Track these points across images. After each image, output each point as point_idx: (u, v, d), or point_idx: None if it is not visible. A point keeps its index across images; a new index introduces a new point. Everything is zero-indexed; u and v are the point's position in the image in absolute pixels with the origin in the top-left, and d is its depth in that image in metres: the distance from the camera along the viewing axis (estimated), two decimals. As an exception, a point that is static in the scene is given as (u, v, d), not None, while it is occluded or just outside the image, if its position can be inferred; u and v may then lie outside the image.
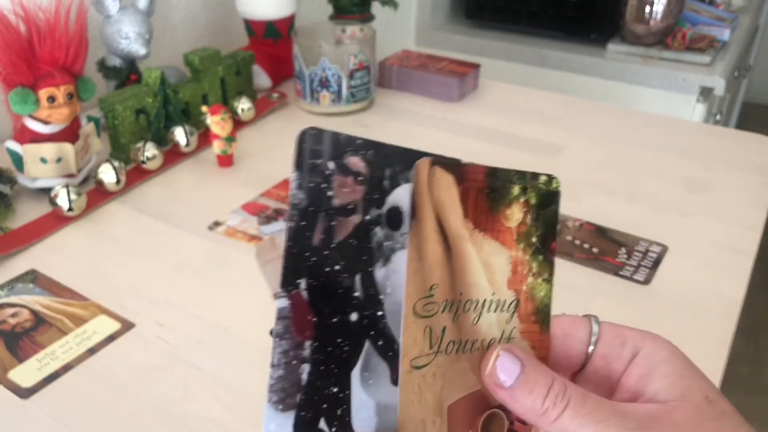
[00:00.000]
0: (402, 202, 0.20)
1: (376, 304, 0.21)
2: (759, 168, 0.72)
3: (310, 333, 0.21)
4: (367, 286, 0.20)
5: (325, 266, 0.20)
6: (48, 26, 0.59)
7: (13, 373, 0.44)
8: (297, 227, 0.20)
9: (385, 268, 0.20)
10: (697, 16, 1.37)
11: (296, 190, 0.20)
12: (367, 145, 0.21)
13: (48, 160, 0.62)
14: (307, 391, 0.20)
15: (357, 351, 0.21)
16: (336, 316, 0.21)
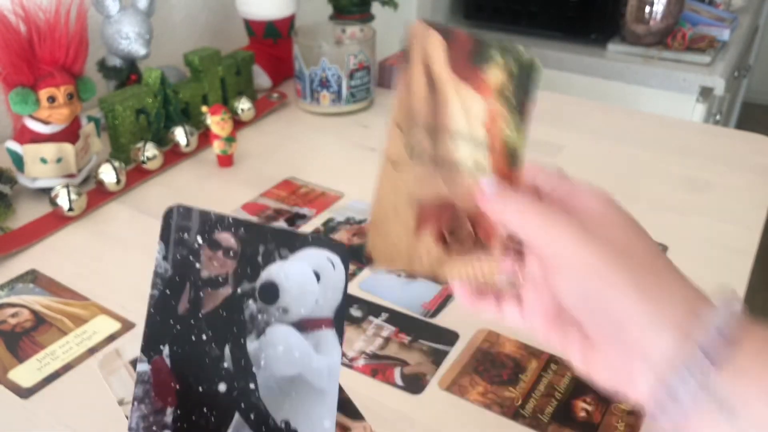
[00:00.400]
0: (277, 278, 0.20)
1: (248, 377, 0.20)
2: (759, 168, 0.72)
3: (172, 400, 0.20)
4: (238, 357, 0.20)
5: (190, 335, 0.20)
6: (48, 26, 0.59)
7: (14, 373, 0.44)
8: (161, 295, 0.20)
9: (258, 341, 0.20)
10: (697, 16, 1.37)
11: (162, 261, 0.21)
12: (238, 223, 0.21)
13: (48, 160, 0.62)
14: None
15: (226, 422, 0.20)
16: (202, 385, 0.20)
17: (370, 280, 0.53)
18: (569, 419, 0.40)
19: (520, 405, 0.42)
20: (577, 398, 0.42)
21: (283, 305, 0.20)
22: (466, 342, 0.47)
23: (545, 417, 0.41)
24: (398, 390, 0.43)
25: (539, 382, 0.43)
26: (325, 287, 0.21)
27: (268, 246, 0.20)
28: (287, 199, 0.65)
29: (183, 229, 0.21)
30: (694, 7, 1.39)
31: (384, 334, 0.47)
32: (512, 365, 0.45)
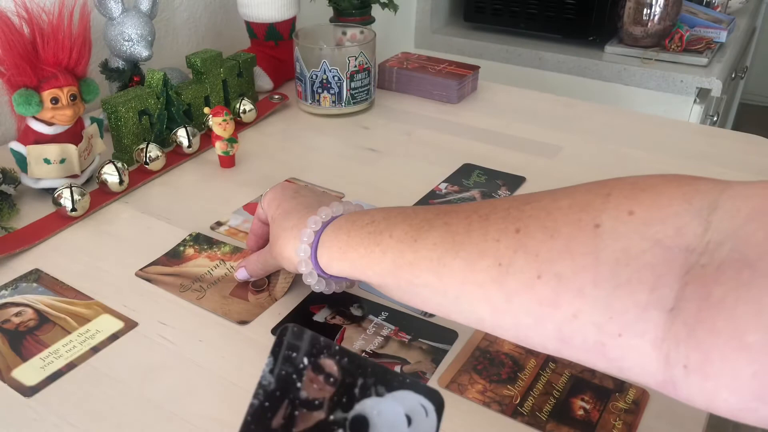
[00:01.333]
0: (370, 413, 0.20)
1: None
2: (756, 168, 0.73)
3: None
4: None
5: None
6: (51, 28, 0.59)
7: (17, 371, 0.44)
8: (260, 406, 0.21)
9: None
10: (695, 18, 1.38)
11: (267, 374, 0.21)
12: (344, 353, 0.21)
13: (51, 161, 0.62)
14: None
15: None
16: None
17: (370, 280, 0.54)
18: (567, 417, 0.41)
19: (518, 403, 0.42)
20: (576, 397, 0.42)
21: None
22: (465, 341, 0.47)
23: (543, 415, 0.41)
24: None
25: (537, 380, 0.44)
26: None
27: (366, 380, 0.21)
28: (288, 200, 0.65)
29: (292, 348, 0.21)
30: (691, 9, 1.40)
31: (384, 332, 0.48)
32: (511, 364, 0.45)
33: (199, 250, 0.57)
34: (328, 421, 0.20)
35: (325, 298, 0.51)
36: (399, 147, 0.78)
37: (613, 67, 1.30)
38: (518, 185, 0.69)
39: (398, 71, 0.93)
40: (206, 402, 0.42)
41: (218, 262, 0.56)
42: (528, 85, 1.26)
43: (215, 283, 0.53)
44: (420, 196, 0.66)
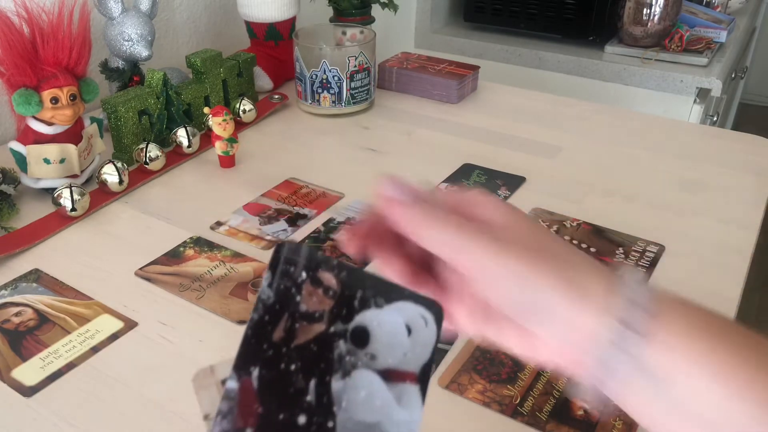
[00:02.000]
0: (370, 324, 0.21)
1: (328, 414, 0.21)
2: (755, 168, 0.73)
3: (252, 422, 0.20)
4: (321, 393, 0.21)
5: (280, 362, 0.21)
6: (51, 28, 0.59)
7: (17, 371, 0.44)
8: (260, 320, 0.21)
9: (343, 382, 0.21)
10: (695, 18, 1.38)
11: (266, 288, 0.21)
12: (342, 267, 0.21)
13: (51, 161, 0.62)
14: None
15: None
16: (283, 413, 0.20)
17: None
18: (567, 417, 0.41)
19: (518, 403, 0.42)
20: (575, 396, 0.42)
21: (372, 351, 0.21)
22: (465, 340, 0.47)
23: (543, 415, 0.41)
24: (399, 388, 0.43)
25: (537, 380, 0.44)
26: (414, 342, 0.21)
27: (366, 292, 0.21)
28: (288, 200, 0.65)
29: (290, 263, 0.21)
30: (691, 9, 1.40)
31: (384, 333, 0.48)
32: (511, 363, 0.45)
33: (199, 252, 0.57)
34: (329, 332, 0.21)
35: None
36: (399, 147, 0.78)
37: (613, 67, 1.30)
38: (518, 185, 0.69)
39: (398, 71, 0.93)
40: (206, 402, 0.42)
41: (218, 263, 0.56)
42: (528, 85, 1.26)
43: (215, 282, 0.53)
44: (420, 196, 0.66)
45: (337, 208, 0.64)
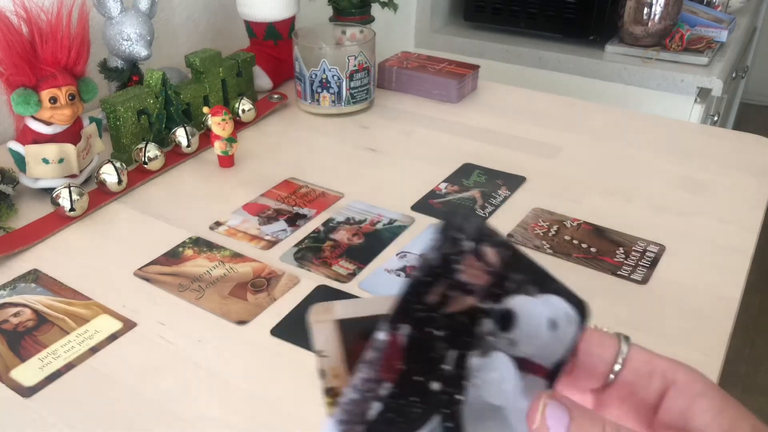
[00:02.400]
0: (519, 310, 0.20)
1: (460, 388, 0.21)
2: (756, 168, 0.73)
3: (393, 377, 0.21)
4: (459, 365, 0.21)
5: (429, 326, 0.21)
6: (50, 27, 0.59)
7: (16, 372, 0.44)
8: (420, 279, 0.21)
9: (481, 360, 0.21)
10: (695, 18, 1.38)
11: (432, 250, 0.21)
12: (507, 246, 0.21)
13: (50, 161, 0.62)
14: (369, 428, 0.20)
15: (425, 418, 0.21)
16: (420, 375, 0.21)
17: (369, 280, 0.54)
18: (567, 417, 0.41)
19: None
20: (576, 397, 0.42)
21: (514, 337, 0.21)
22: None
23: (544, 415, 0.41)
24: (398, 389, 0.43)
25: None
26: (554, 338, 0.21)
27: (522, 277, 0.21)
28: (288, 199, 0.65)
29: (460, 231, 0.21)
30: (691, 9, 1.40)
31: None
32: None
33: (199, 252, 0.57)
34: (479, 308, 0.21)
35: (325, 298, 0.51)
36: (399, 147, 0.78)
37: (613, 67, 1.30)
38: (518, 185, 0.69)
39: (398, 71, 0.93)
40: (205, 402, 0.42)
41: (217, 263, 0.56)
42: (528, 84, 1.26)
43: (214, 282, 0.53)
44: (420, 196, 0.66)
45: (336, 208, 0.64)
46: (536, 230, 0.61)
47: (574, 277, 0.54)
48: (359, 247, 0.58)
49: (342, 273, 0.54)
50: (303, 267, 0.55)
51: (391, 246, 0.58)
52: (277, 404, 0.42)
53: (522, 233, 0.60)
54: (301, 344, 0.47)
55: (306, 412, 0.41)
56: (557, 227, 0.61)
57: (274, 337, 0.47)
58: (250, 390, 0.43)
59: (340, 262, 0.56)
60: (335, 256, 0.56)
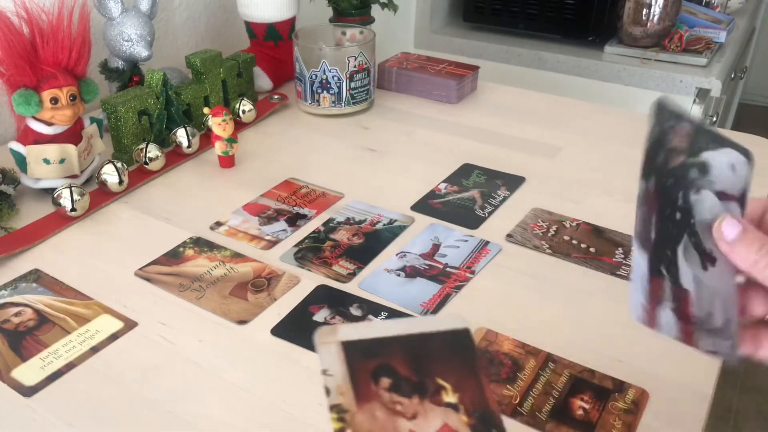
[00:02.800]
0: (709, 160, 0.29)
1: (690, 217, 0.30)
2: (756, 168, 0.73)
3: (654, 214, 0.31)
4: (685, 201, 0.30)
5: (664, 177, 0.31)
6: (51, 28, 0.59)
7: (17, 371, 0.44)
8: (656, 141, 0.31)
9: (696, 196, 0.29)
10: (694, 18, 1.38)
11: (654, 126, 0.32)
12: (693, 124, 0.30)
13: (51, 161, 0.62)
14: (654, 246, 0.31)
15: (679, 237, 0.30)
16: (668, 210, 0.30)
17: (369, 280, 0.54)
18: (567, 417, 0.41)
19: (518, 403, 0.42)
20: (575, 396, 0.42)
21: (711, 179, 0.29)
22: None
23: (543, 415, 0.41)
24: (398, 388, 0.43)
25: (537, 380, 0.44)
26: (736, 176, 0.29)
27: (707, 141, 0.29)
28: (288, 200, 0.66)
29: (671, 115, 0.30)
30: (690, 9, 1.40)
31: (384, 333, 0.48)
32: (510, 364, 0.45)
33: (199, 252, 0.57)
34: (685, 163, 0.29)
35: (325, 298, 0.51)
36: (399, 147, 0.78)
37: (612, 68, 1.31)
38: (518, 185, 0.69)
39: (398, 71, 0.93)
40: (205, 402, 0.42)
41: (218, 263, 0.56)
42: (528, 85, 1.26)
43: (214, 282, 0.53)
44: (420, 196, 0.66)
45: (336, 208, 0.64)
46: (535, 230, 0.61)
47: (573, 277, 0.54)
48: (359, 247, 0.58)
49: (342, 273, 0.54)
50: (303, 267, 0.55)
51: (391, 246, 0.58)
52: (277, 404, 0.42)
53: (521, 233, 0.60)
54: (301, 344, 0.47)
55: (306, 411, 0.42)
56: (556, 227, 0.61)
57: (274, 337, 0.48)
58: (250, 390, 0.43)
59: (340, 262, 0.56)
60: (335, 256, 0.57)
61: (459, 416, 0.29)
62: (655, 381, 0.44)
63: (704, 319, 0.32)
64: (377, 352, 0.30)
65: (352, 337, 0.30)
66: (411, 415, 0.28)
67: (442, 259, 0.56)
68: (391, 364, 0.30)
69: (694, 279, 0.31)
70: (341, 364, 0.29)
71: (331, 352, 0.29)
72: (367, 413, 0.28)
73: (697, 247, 0.30)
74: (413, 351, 0.30)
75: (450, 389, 0.29)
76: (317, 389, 0.43)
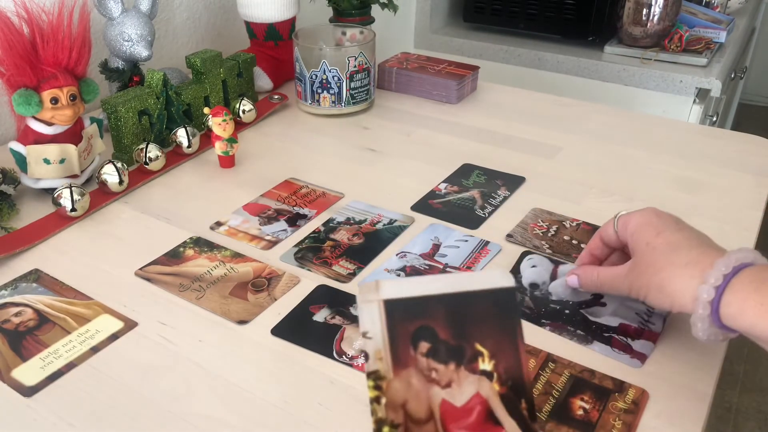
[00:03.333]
0: (523, 272, 0.33)
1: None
2: (755, 169, 0.73)
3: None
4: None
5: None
6: (51, 28, 0.59)
7: (17, 371, 0.44)
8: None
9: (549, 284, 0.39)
10: (694, 19, 1.38)
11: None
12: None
13: (51, 161, 0.62)
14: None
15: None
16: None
17: (369, 280, 0.54)
18: (567, 417, 0.41)
19: (518, 403, 0.42)
20: (575, 396, 0.42)
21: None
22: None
23: (543, 415, 0.41)
24: (398, 388, 0.43)
25: (537, 380, 0.44)
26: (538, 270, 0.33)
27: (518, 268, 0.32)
28: (288, 200, 0.66)
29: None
30: (690, 9, 1.40)
31: (384, 333, 0.48)
32: (511, 364, 0.45)
33: (199, 252, 0.57)
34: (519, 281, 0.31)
35: (325, 298, 0.51)
36: (399, 147, 0.78)
37: (612, 68, 1.31)
38: (518, 185, 0.69)
39: (398, 71, 0.93)
40: (206, 402, 0.42)
41: (218, 263, 0.56)
42: (527, 85, 1.26)
43: (215, 282, 0.53)
44: (420, 196, 0.66)
45: (336, 208, 0.64)
46: (535, 230, 0.61)
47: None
48: (359, 247, 0.58)
49: (342, 273, 0.54)
50: (303, 267, 0.55)
51: (391, 246, 0.58)
52: (277, 404, 0.42)
53: (521, 233, 0.60)
54: (301, 344, 0.47)
55: (306, 411, 0.42)
56: (556, 227, 0.61)
57: (274, 337, 0.48)
58: (250, 390, 0.43)
59: (340, 262, 0.56)
60: (335, 256, 0.57)
61: (491, 384, 0.28)
62: (655, 381, 0.44)
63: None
64: (419, 312, 0.29)
65: (394, 294, 0.28)
66: (445, 383, 0.28)
67: (442, 260, 0.56)
68: (431, 327, 0.29)
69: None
70: (381, 325, 0.28)
71: (372, 311, 0.28)
72: (403, 381, 0.27)
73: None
74: (455, 312, 0.29)
75: (487, 356, 0.29)
76: (317, 389, 0.43)
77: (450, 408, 0.27)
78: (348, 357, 0.46)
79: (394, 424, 0.27)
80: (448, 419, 0.27)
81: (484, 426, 0.28)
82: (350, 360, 0.45)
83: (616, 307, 0.50)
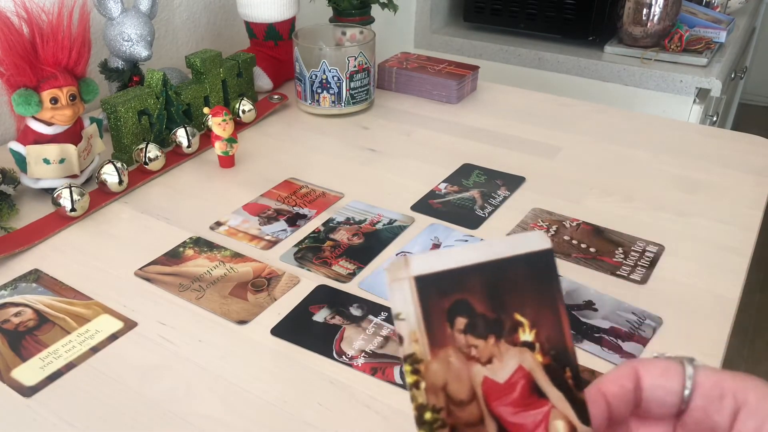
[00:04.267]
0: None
1: None
2: (755, 168, 0.73)
3: None
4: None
5: None
6: (51, 28, 0.59)
7: (17, 371, 0.44)
8: None
9: None
10: (694, 18, 1.38)
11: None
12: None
13: (51, 161, 0.62)
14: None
15: None
16: None
17: (369, 280, 0.54)
18: (567, 417, 0.41)
19: (518, 403, 0.42)
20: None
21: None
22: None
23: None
24: (398, 388, 0.43)
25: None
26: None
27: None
28: (288, 200, 0.66)
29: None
30: (690, 9, 1.40)
31: (383, 332, 0.48)
32: (511, 363, 0.45)
33: (199, 252, 0.57)
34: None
35: (325, 298, 0.51)
36: (399, 147, 0.78)
37: (612, 68, 1.31)
38: (518, 185, 0.69)
39: (398, 71, 0.93)
40: (205, 402, 0.42)
41: (218, 263, 0.56)
42: (527, 85, 1.26)
43: (214, 282, 0.53)
44: (419, 197, 0.66)
45: (336, 208, 0.64)
46: (536, 230, 0.61)
47: (573, 276, 0.54)
48: (359, 247, 0.58)
49: (342, 273, 0.54)
50: (303, 267, 0.55)
51: (391, 246, 0.58)
52: (277, 404, 0.42)
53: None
54: (302, 344, 0.47)
55: (306, 411, 0.42)
56: (556, 227, 0.61)
57: (274, 337, 0.48)
58: (250, 390, 0.43)
59: (340, 262, 0.56)
60: (335, 256, 0.57)
61: (534, 355, 0.27)
62: (655, 381, 0.44)
63: None
64: (454, 286, 0.27)
65: (425, 270, 0.27)
66: (486, 360, 0.27)
67: (442, 259, 0.56)
68: (467, 301, 0.27)
69: None
70: (415, 305, 0.26)
71: (404, 290, 0.26)
72: (442, 361, 0.26)
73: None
74: (491, 281, 0.28)
75: (527, 325, 0.27)
76: (317, 389, 0.43)
77: (493, 385, 0.26)
78: (348, 357, 0.45)
79: (435, 408, 0.25)
80: (491, 397, 0.26)
81: (529, 400, 0.26)
82: (350, 360, 0.45)
83: (608, 312, 0.50)
